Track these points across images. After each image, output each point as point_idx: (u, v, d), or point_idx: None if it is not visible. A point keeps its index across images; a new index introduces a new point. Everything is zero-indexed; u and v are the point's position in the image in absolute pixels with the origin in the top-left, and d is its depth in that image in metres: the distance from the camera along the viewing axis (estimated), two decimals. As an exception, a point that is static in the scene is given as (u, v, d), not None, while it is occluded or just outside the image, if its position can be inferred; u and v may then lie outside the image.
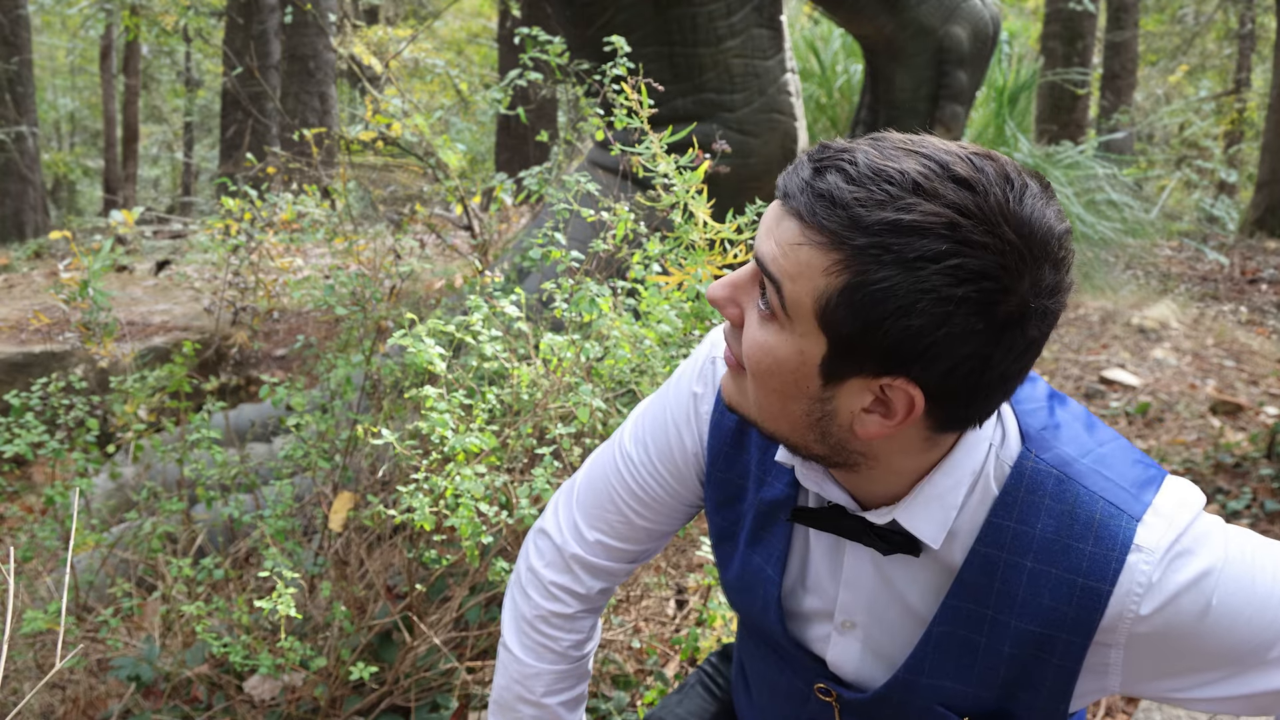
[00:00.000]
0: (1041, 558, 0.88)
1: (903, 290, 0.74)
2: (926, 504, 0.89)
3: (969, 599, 0.91)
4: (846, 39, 6.62)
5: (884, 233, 0.74)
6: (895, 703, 0.98)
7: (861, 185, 0.75)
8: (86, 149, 17.24)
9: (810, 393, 0.83)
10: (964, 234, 0.73)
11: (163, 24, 8.07)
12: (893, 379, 0.79)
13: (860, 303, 0.75)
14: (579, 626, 1.21)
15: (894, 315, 0.75)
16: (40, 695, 2.10)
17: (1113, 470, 0.89)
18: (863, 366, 0.79)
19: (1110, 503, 0.87)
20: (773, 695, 1.13)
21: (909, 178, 0.74)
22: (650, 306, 1.81)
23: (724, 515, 1.08)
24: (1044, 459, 0.89)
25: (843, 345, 0.78)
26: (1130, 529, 0.86)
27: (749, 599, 1.07)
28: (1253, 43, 13.35)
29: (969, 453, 0.89)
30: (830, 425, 0.84)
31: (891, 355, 0.77)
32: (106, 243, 2.20)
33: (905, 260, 0.73)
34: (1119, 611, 0.86)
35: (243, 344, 3.44)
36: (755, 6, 3.16)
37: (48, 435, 2.11)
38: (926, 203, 0.73)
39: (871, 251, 0.74)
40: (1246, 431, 3.83)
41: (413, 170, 5.05)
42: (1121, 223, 6.58)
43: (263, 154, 5.45)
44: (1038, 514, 0.88)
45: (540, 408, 1.81)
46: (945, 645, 0.93)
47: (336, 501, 2.10)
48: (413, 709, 1.95)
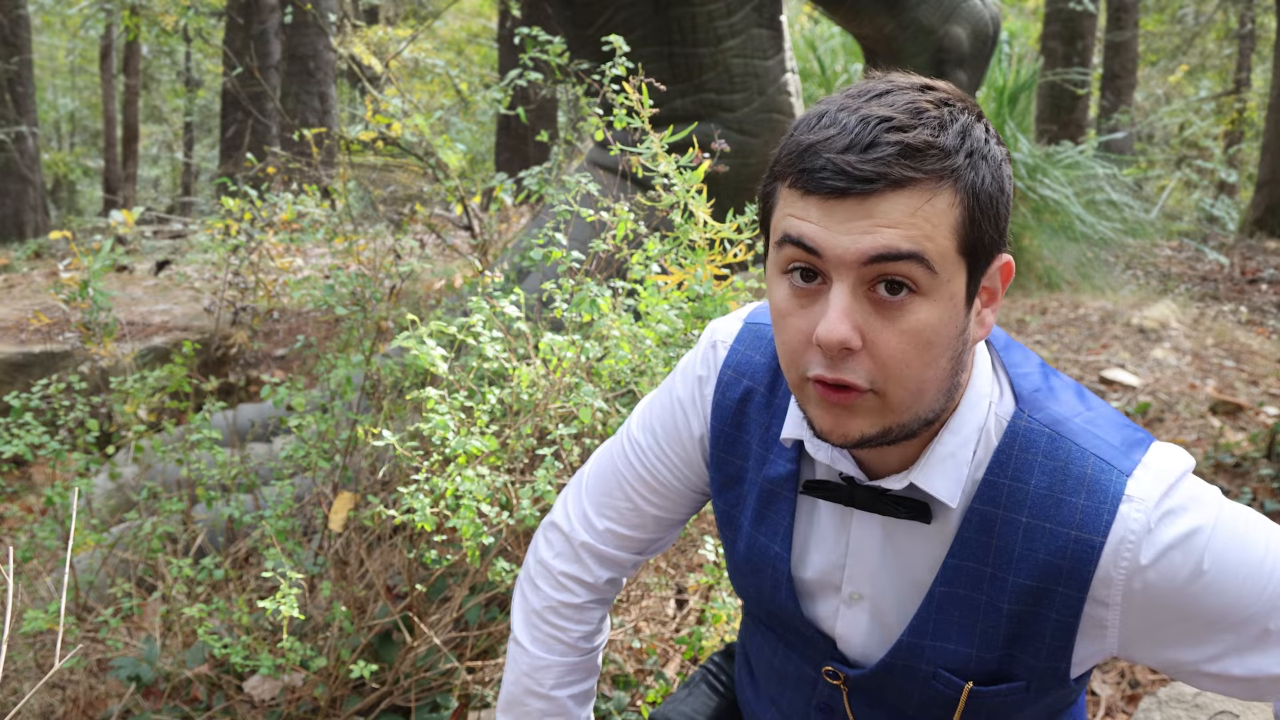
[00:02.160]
0: (1036, 513, 0.90)
1: (994, 172, 0.85)
2: (941, 463, 0.91)
3: (968, 557, 0.93)
4: (846, 39, 6.62)
5: (961, 142, 0.82)
6: (900, 671, 0.98)
7: (914, 128, 0.81)
8: (86, 149, 17.24)
9: (958, 330, 0.87)
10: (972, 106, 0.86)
11: (163, 24, 8.07)
12: (1001, 257, 0.89)
13: (986, 205, 0.84)
14: (588, 618, 1.21)
15: (1003, 196, 0.86)
16: (40, 695, 2.09)
17: (1103, 430, 0.92)
18: (989, 264, 0.87)
19: (1101, 458, 0.90)
20: (781, 683, 1.13)
21: (921, 102, 0.83)
22: (650, 306, 1.81)
23: (726, 498, 1.09)
24: (1036, 418, 0.92)
25: (977, 259, 0.85)
26: (1121, 482, 0.88)
27: (758, 580, 1.07)
28: (1253, 43, 13.34)
29: (973, 409, 0.92)
30: (965, 355, 0.89)
31: (1002, 234, 0.87)
32: (106, 243, 2.20)
33: (980, 150, 0.84)
34: (1112, 562, 0.88)
35: (243, 344, 3.44)
36: (755, 6, 3.16)
37: (48, 436, 2.11)
38: (947, 105, 0.84)
39: (965, 161, 0.82)
40: (1246, 431, 3.83)
41: (413, 170, 5.05)
42: (1121, 223, 6.58)
43: (263, 154, 5.45)
44: (1031, 470, 0.91)
45: (541, 408, 1.81)
46: (947, 605, 0.94)
47: (336, 502, 2.10)
48: (413, 709, 1.95)
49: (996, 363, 0.97)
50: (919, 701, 0.99)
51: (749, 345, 1.08)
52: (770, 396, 1.04)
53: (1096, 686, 2.30)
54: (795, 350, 0.87)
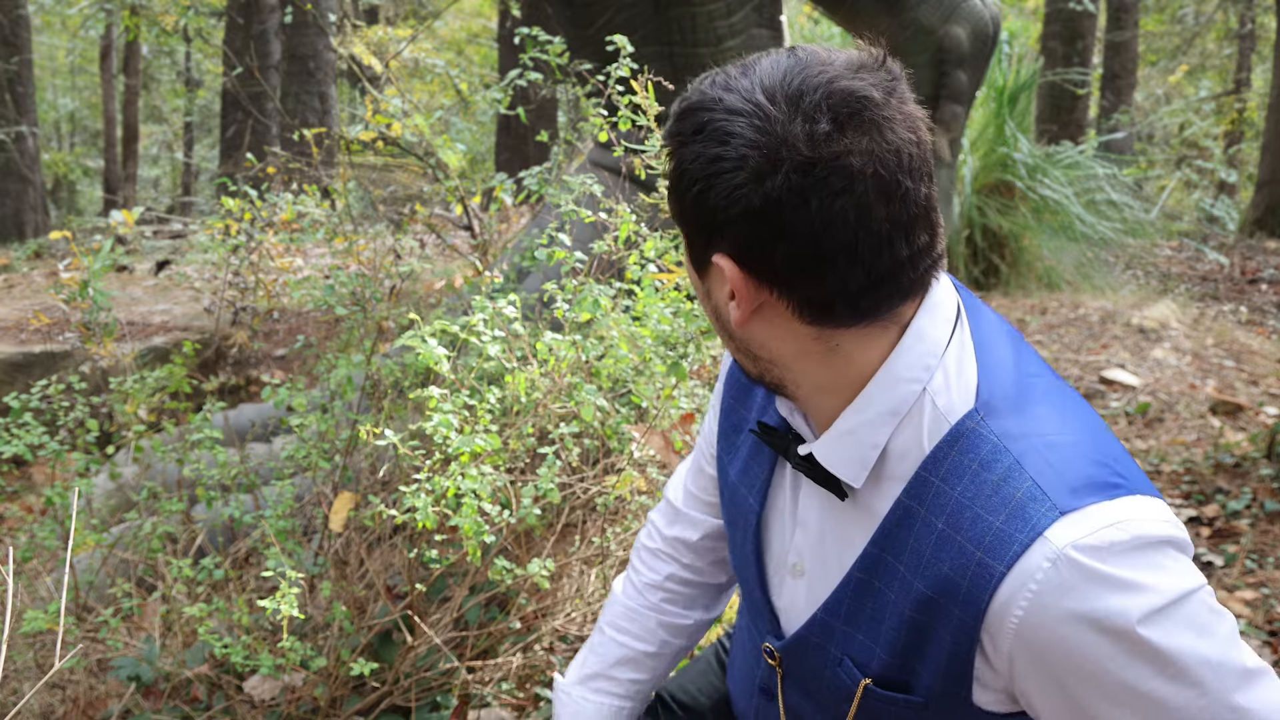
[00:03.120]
0: (951, 521, 0.84)
1: (687, 162, 0.83)
2: (839, 440, 0.88)
3: (887, 549, 0.89)
4: (846, 39, 6.62)
5: (680, 119, 0.84)
6: (812, 650, 0.97)
7: (686, 94, 0.86)
8: (86, 149, 17.24)
9: (701, 289, 0.91)
10: (723, 105, 0.81)
11: (163, 24, 8.07)
12: (717, 258, 0.85)
13: (673, 184, 0.86)
14: (657, 567, 1.27)
15: (687, 187, 0.83)
16: (40, 695, 2.09)
17: (1063, 459, 0.82)
18: (702, 250, 0.86)
19: (1039, 485, 0.80)
20: (743, 655, 1.15)
21: (712, 79, 0.84)
22: (646, 306, 1.81)
23: (724, 445, 1.12)
24: (989, 424, 0.85)
25: (685, 230, 0.88)
26: (1048, 518, 0.79)
27: (734, 532, 1.09)
28: (1253, 43, 13.35)
29: (887, 389, 0.86)
30: (724, 321, 0.89)
31: (703, 231, 0.85)
32: (106, 243, 2.20)
33: (688, 136, 0.83)
34: (1007, 604, 0.79)
35: (243, 344, 3.44)
36: (755, 6, 3.16)
37: (48, 436, 2.11)
38: (708, 90, 0.83)
39: (675, 138, 0.84)
40: (1246, 431, 3.83)
41: (413, 170, 5.05)
42: (1121, 223, 6.58)
43: (263, 154, 5.45)
44: (961, 476, 0.84)
45: (541, 408, 1.81)
46: (861, 593, 0.92)
47: (337, 501, 2.10)
48: (413, 709, 1.95)
49: (966, 355, 0.89)
50: (826, 687, 0.97)
51: None
52: None
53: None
54: None
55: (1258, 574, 2.91)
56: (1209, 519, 3.23)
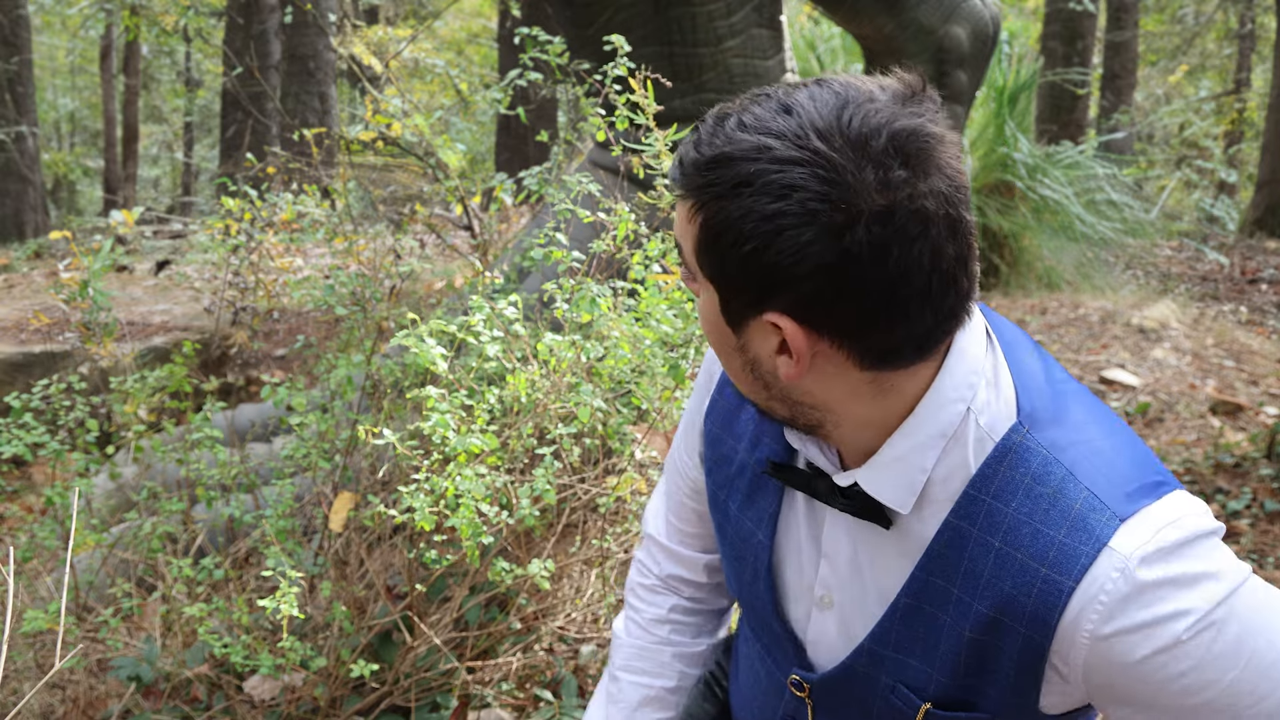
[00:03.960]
0: (1010, 539, 0.82)
1: (731, 218, 0.75)
2: (889, 466, 0.85)
3: (937, 573, 0.87)
4: (846, 39, 6.62)
5: (709, 169, 0.76)
6: (860, 679, 0.95)
7: (700, 141, 0.78)
8: (86, 149, 17.25)
9: (731, 343, 0.84)
10: (771, 154, 0.74)
11: (163, 24, 8.07)
12: (770, 315, 0.78)
13: (711, 240, 0.78)
14: (658, 601, 1.24)
15: (734, 245, 0.76)
16: (40, 695, 2.09)
17: (1110, 464, 0.83)
18: (745, 306, 0.80)
19: (1095, 494, 0.80)
20: (755, 685, 1.12)
21: (739, 118, 0.77)
22: (649, 307, 1.81)
23: (716, 478, 1.07)
24: (1035, 436, 0.84)
25: (721, 287, 0.81)
26: (1110, 527, 0.79)
27: (740, 569, 1.05)
28: (1253, 43, 13.35)
29: (935, 412, 0.84)
30: (762, 374, 0.84)
31: (753, 288, 0.78)
32: (106, 243, 2.20)
33: (727, 190, 0.75)
34: (1076, 621, 0.79)
35: (243, 344, 3.44)
36: (755, 6, 3.16)
37: (48, 436, 2.11)
38: (745, 135, 0.75)
39: (707, 191, 0.76)
40: (1246, 431, 3.83)
41: (413, 170, 5.05)
42: (1121, 223, 6.58)
43: (263, 154, 5.45)
44: (1014, 492, 0.83)
45: (541, 408, 1.81)
46: (911, 619, 0.89)
47: (336, 501, 2.10)
48: (413, 709, 1.95)
49: (1001, 369, 0.88)
50: (877, 716, 0.95)
51: None
52: None
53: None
54: None
55: (1258, 574, 2.91)
56: (1209, 519, 3.23)
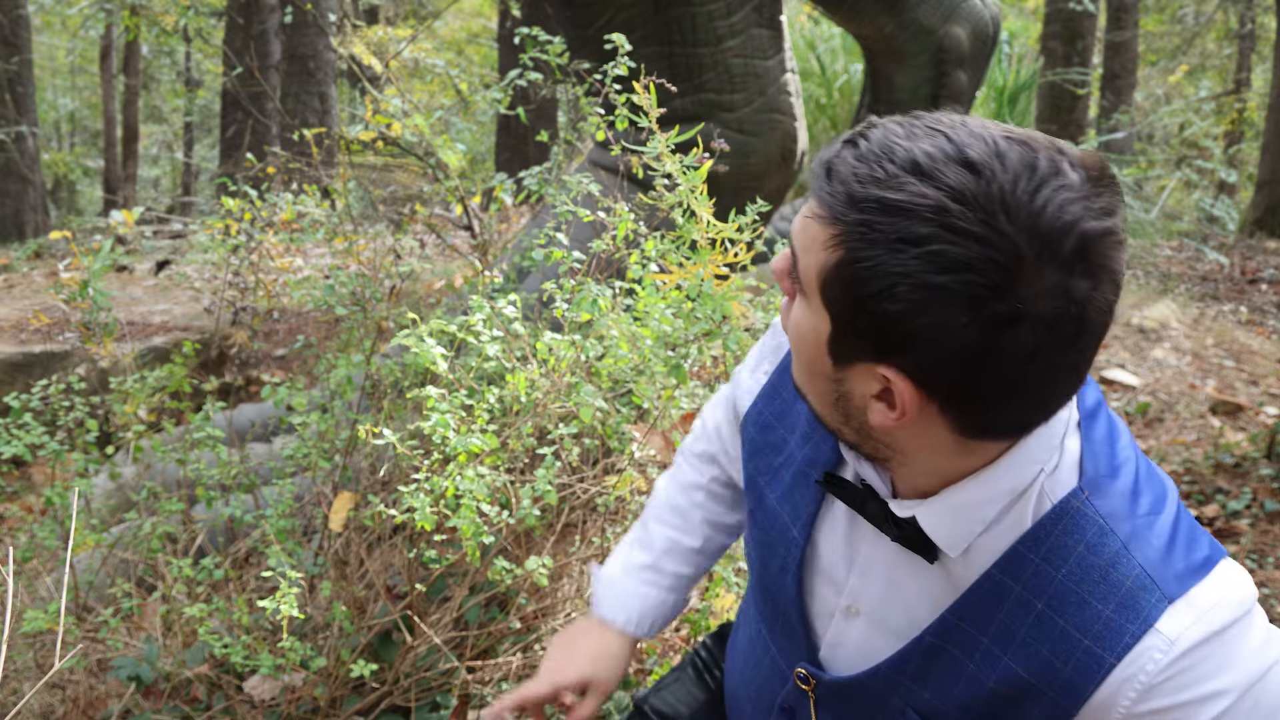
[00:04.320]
0: (1054, 604, 0.82)
1: (884, 271, 0.71)
2: (952, 511, 0.84)
3: (969, 620, 0.86)
4: (846, 39, 6.62)
5: (871, 210, 0.72)
6: (871, 695, 0.95)
7: (864, 162, 0.73)
8: (86, 149, 17.24)
9: (826, 371, 0.81)
10: (951, 220, 0.69)
11: (163, 24, 8.07)
12: (885, 367, 0.75)
13: (848, 280, 0.74)
14: (701, 469, 1.25)
15: (876, 296, 0.72)
16: (40, 695, 2.09)
17: (1164, 540, 0.82)
18: (861, 350, 0.77)
19: (1147, 572, 0.80)
20: (757, 668, 1.11)
21: (911, 156, 0.72)
22: (647, 306, 1.81)
23: (758, 463, 1.06)
24: (1094, 504, 0.83)
25: (841, 324, 0.77)
26: (1159, 608, 0.79)
27: (768, 556, 1.04)
28: (1253, 43, 13.35)
29: (1012, 470, 0.82)
30: (849, 408, 0.82)
31: (879, 340, 0.75)
32: (106, 243, 2.20)
33: (888, 240, 0.71)
34: (1115, 693, 0.80)
35: (243, 344, 3.44)
36: (755, 6, 3.16)
37: (47, 436, 2.11)
38: (919, 183, 0.70)
39: (860, 229, 0.72)
40: (1246, 431, 3.83)
41: (413, 170, 5.05)
42: (1121, 222, 6.58)
43: (263, 154, 5.45)
44: (1066, 558, 0.82)
45: (541, 407, 1.81)
46: (934, 657, 0.89)
47: (336, 501, 2.10)
48: (413, 709, 1.95)
49: (1071, 430, 0.86)
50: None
51: None
52: None
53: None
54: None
55: (1258, 574, 2.91)
56: (1209, 519, 3.23)
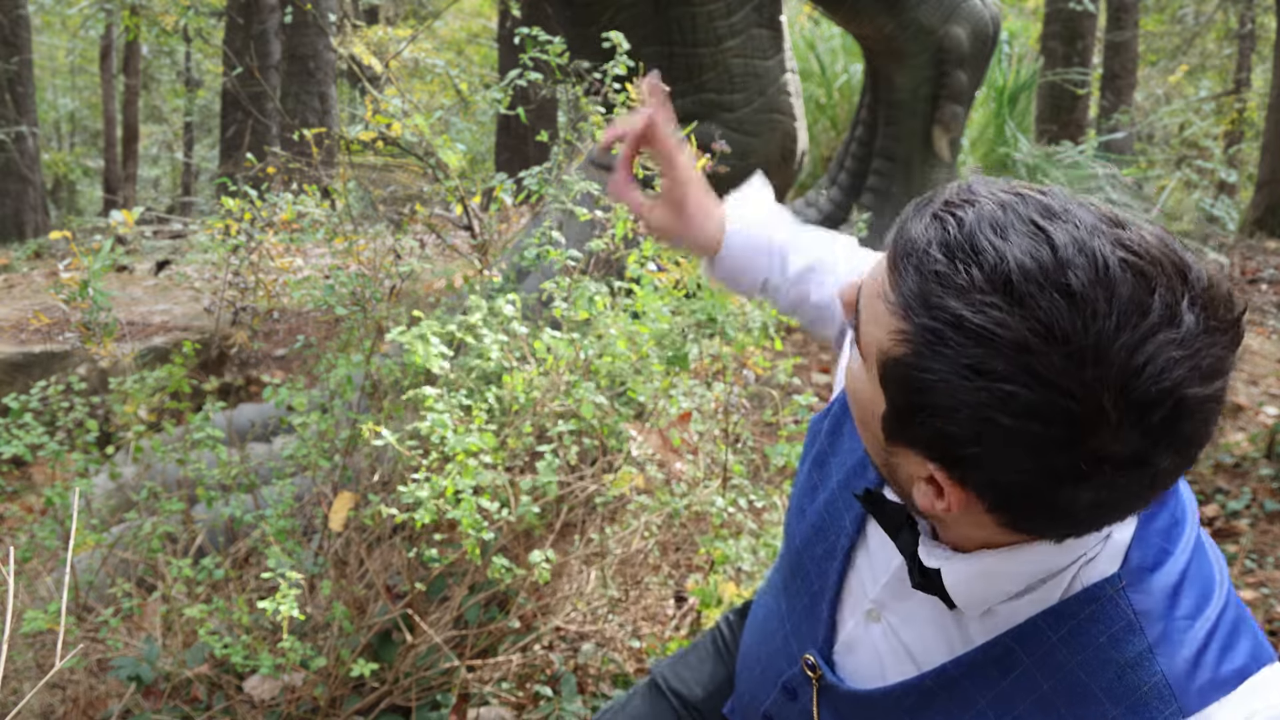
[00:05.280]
0: (1060, 690, 0.77)
1: (948, 392, 0.65)
2: (980, 575, 0.78)
3: (972, 679, 0.83)
4: (846, 39, 6.62)
5: (947, 324, 0.64)
6: (867, 709, 0.94)
7: (951, 256, 0.65)
8: (86, 149, 17.24)
9: (878, 434, 0.75)
10: (1031, 362, 0.62)
11: (163, 24, 8.07)
12: (936, 469, 0.71)
13: (907, 383, 0.68)
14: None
15: (934, 411, 0.67)
16: (40, 695, 2.10)
17: (1196, 649, 0.75)
18: (913, 443, 0.72)
19: (1168, 682, 0.74)
20: (769, 641, 1.10)
21: (1006, 266, 0.63)
22: (645, 305, 1.82)
23: (834, 440, 1.02)
24: (1130, 596, 0.76)
25: (897, 413, 0.72)
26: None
27: (815, 539, 1.00)
28: (1253, 43, 13.35)
29: (1053, 554, 0.76)
30: (896, 477, 0.78)
31: (933, 447, 0.70)
32: (106, 243, 2.20)
33: (958, 364, 0.64)
34: None
35: (243, 344, 3.44)
36: (755, 6, 3.16)
37: (47, 436, 2.11)
38: (1005, 309, 0.62)
39: (929, 337, 0.65)
40: (1246, 431, 3.83)
41: (413, 170, 5.05)
42: (1121, 223, 6.57)
43: (263, 154, 5.45)
44: (1084, 646, 0.76)
45: (539, 406, 1.81)
46: (930, 700, 0.87)
47: (336, 501, 2.10)
48: (413, 708, 1.96)
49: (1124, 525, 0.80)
50: None
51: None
52: None
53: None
54: None
55: (1257, 574, 2.91)
56: (1209, 519, 3.23)
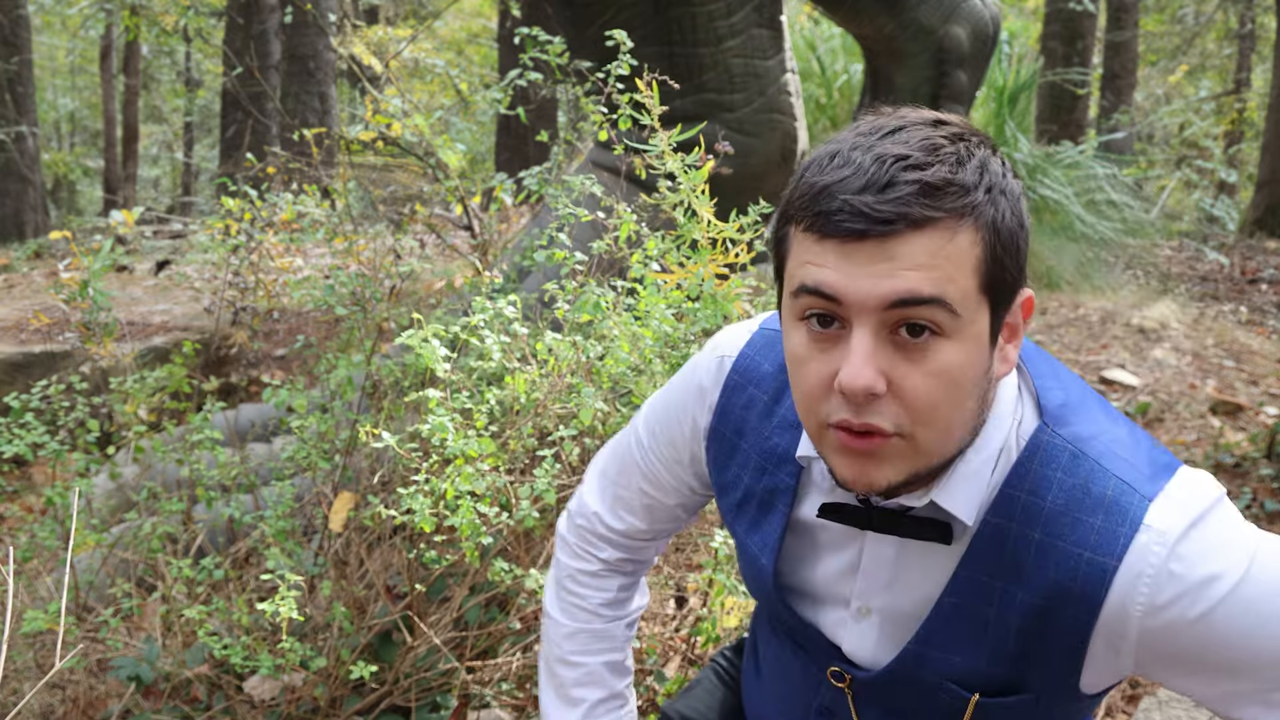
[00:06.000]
0: (1050, 530, 0.87)
1: (1014, 206, 0.83)
2: (964, 481, 0.89)
3: (978, 569, 0.91)
4: (846, 39, 6.62)
5: (980, 178, 0.81)
6: (907, 678, 0.97)
7: (931, 165, 0.79)
8: (86, 149, 17.24)
9: (983, 369, 0.85)
10: (987, 140, 0.84)
11: (163, 24, 8.07)
12: (1023, 292, 0.87)
13: (1007, 241, 0.82)
14: (605, 585, 1.24)
15: (1023, 231, 0.84)
16: (40, 695, 2.09)
17: (1128, 451, 0.89)
18: (1012, 301, 0.86)
19: (1123, 480, 0.86)
20: (786, 680, 1.12)
21: (936, 138, 0.81)
22: (649, 306, 1.81)
23: (725, 502, 1.10)
24: (1060, 434, 0.89)
25: (999, 296, 0.84)
26: (1141, 507, 0.85)
27: (755, 583, 1.08)
28: (1253, 43, 13.34)
29: (998, 427, 0.90)
30: (990, 392, 0.88)
31: (1023, 269, 0.85)
32: (106, 243, 2.20)
33: (999, 185, 0.82)
34: (1127, 596, 0.84)
35: (243, 344, 3.44)
36: (755, 6, 3.16)
37: (48, 436, 2.11)
38: (962, 140, 0.82)
39: (985, 197, 0.81)
40: (1246, 431, 3.83)
41: (413, 170, 5.05)
42: (1121, 223, 6.57)
43: (263, 154, 5.45)
44: (1049, 486, 0.88)
45: (541, 408, 1.81)
46: (955, 617, 0.92)
47: (336, 502, 2.10)
48: (413, 709, 1.95)
49: (1023, 379, 0.94)
50: (924, 709, 0.98)
51: (759, 351, 1.06)
52: (772, 406, 1.03)
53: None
54: (815, 397, 0.84)
55: (1258, 574, 2.91)
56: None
